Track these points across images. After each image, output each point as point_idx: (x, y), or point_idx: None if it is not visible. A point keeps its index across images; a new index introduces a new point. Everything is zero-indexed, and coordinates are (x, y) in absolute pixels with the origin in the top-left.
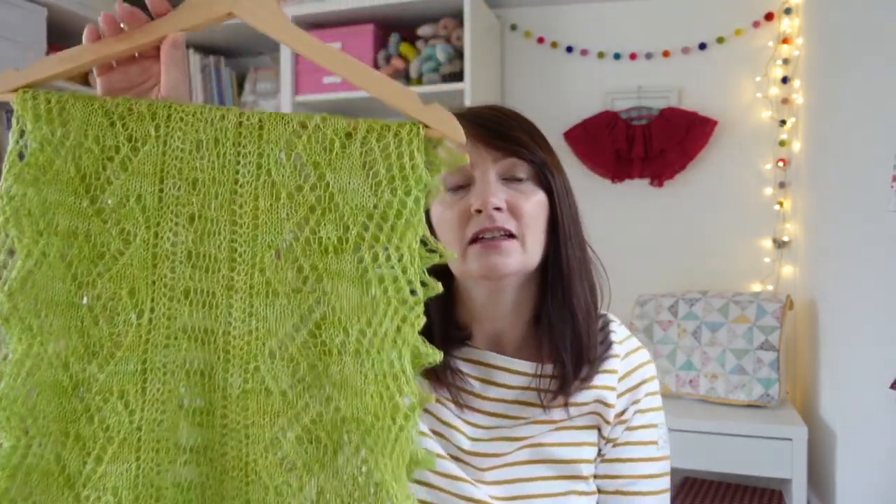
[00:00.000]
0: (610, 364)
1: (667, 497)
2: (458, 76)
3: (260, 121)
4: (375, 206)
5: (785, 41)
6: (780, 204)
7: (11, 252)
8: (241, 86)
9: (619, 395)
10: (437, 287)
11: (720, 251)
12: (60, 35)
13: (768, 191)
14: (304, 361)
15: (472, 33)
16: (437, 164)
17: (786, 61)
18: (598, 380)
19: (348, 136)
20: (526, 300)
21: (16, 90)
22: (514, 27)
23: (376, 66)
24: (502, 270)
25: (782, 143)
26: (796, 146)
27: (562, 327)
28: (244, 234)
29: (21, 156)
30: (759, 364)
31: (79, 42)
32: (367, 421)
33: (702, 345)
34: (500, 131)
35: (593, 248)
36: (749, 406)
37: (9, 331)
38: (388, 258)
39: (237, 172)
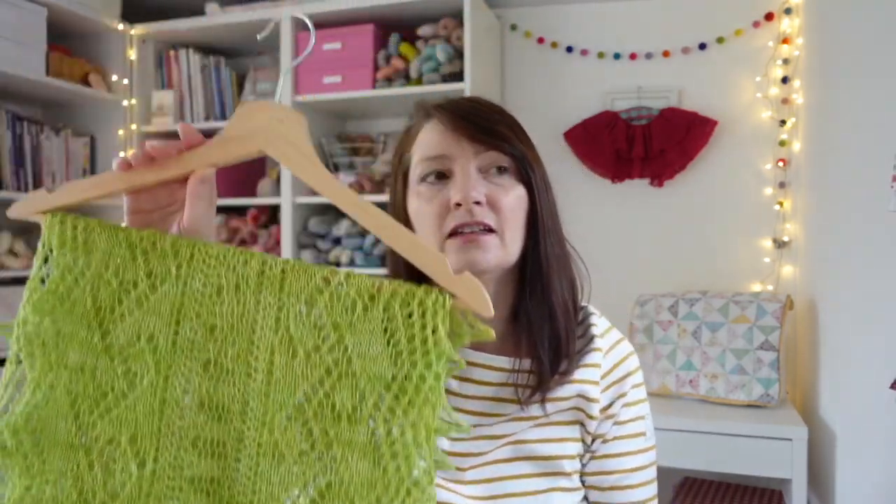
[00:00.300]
0: (592, 358)
1: (654, 486)
2: (458, 76)
3: (283, 271)
4: (394, 378)
5: (785, 41)
6: (780, 204)
7: (19, 383)
8: (241, 86)
9: (604, 390)
10: (449, 465)
11: (720, 251)
12: (60, 35)
13: (768, 191)
14: None
15: (472, 33)
16: (460, 335)
17: (786, 61)
18: (579, 374)
19: (371, 298)
20: (504, 296)
21: (45, 212)
22: (514, 27)
23: (376, 66)
24: (481, 265)
25: (782, 143)
26: (796, 146)
27: (540, 323)
28: (257, 389)
29: (43, 281)
30: (759, 364)
31: (79, 41)
32: None
33: (702, 345)
34: (482, 124)
35: (572, 244)
36: (749, 406)
37: (10, 466)
38: (403, 433)
39: (255, 322)
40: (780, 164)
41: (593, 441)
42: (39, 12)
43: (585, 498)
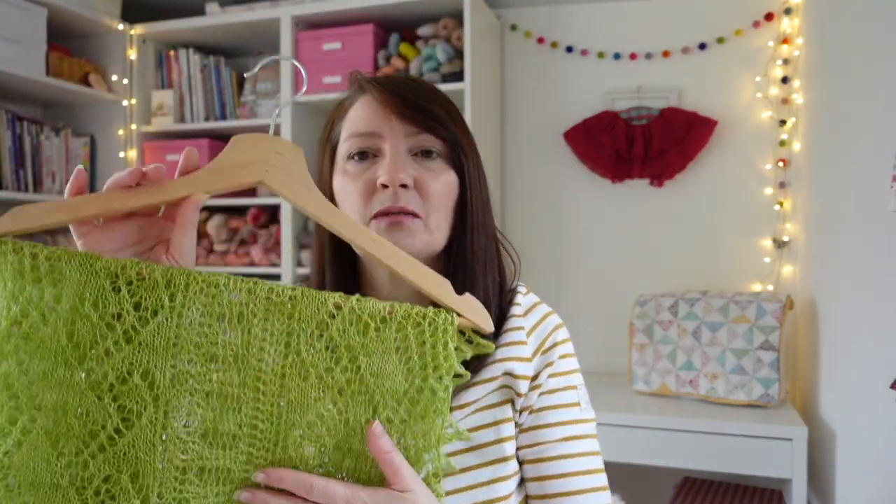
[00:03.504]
0: (515, 336)
1: (599, 460)
2: (458, 76)
3: (291, 298)
4: (406, 392)
5: (785, 41)
6: (780, 204)
7: None
8: (240, 86)
9: (531, 363)
10: (455, 469)
11: (720, 251)
12: (60, 35)
13: (768, 191)
14: None
15: (472, 33)
16: (463, 351)
17: (786, 61)
18: (503, 352)
19: (383, 321)
20: None
21: None
22: (514, 27)
23: (376, 66)
24: (406, 250)
25: (782, 143)
26: (796, 146)
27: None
28: (267, 412)
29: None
30: (759, 364)
31: (79, 41)
32: None
33: (702, 345)
34: (415, 103)
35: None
36: (749, 406)
37: None
38: (415, 441)
39: (262, 350)
40: (780, 164)
41: (521, 414)
42: (39, 12)
43: (522, 481)
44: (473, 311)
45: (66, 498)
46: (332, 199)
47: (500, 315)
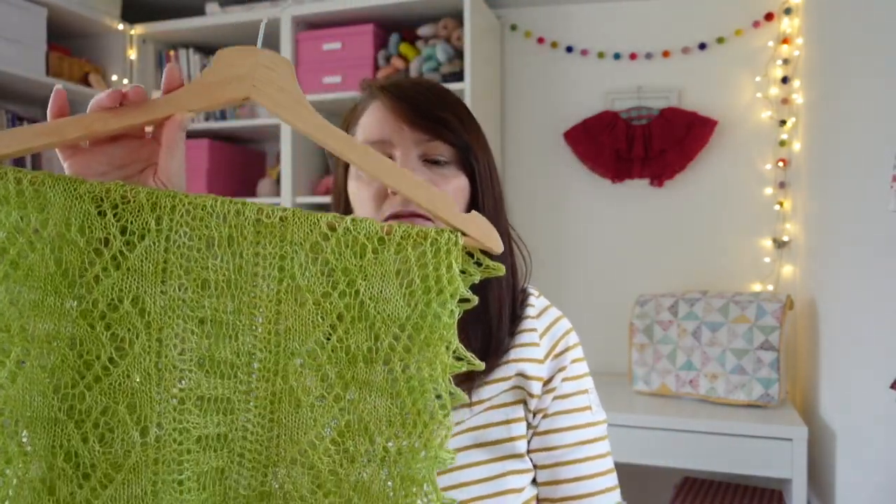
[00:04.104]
0: (528, 338)
1: (609, 460)
2: (458, 76)
3: (282, 219)
4: (408, 318)
5: (785, 41)
6: (780, 204)
7: None
8: None
9: (544, 365)
10: (464, 397)
11: (720, 251)
12: (60, 35)
13: (768, 191)
14: (325, 468)
15: (472, 33)
16: (470, 273)
17: (786, 61)
18: (517, 353)
19: (381, 241)
20: None
21: None
22: (514, 27)
23: (376, 66)
24: None
25: (782, 143)
26: (796, 146)
27: (473, 322)
28: (265, 340)
29: None
30: (759, 364)
31: (79, 41)
32: None
33: (702, 345)
34: (425, 110)
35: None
36: (749, 406)
37: None
38: (420, 370)
39: (255, 274)
40: (780, 164)
41: (535, 416)
42: (39, 12)
43: (534, 480)
44: (481, 229)
45: (65, 432)
46: (347, 202)
47: (514, 316)
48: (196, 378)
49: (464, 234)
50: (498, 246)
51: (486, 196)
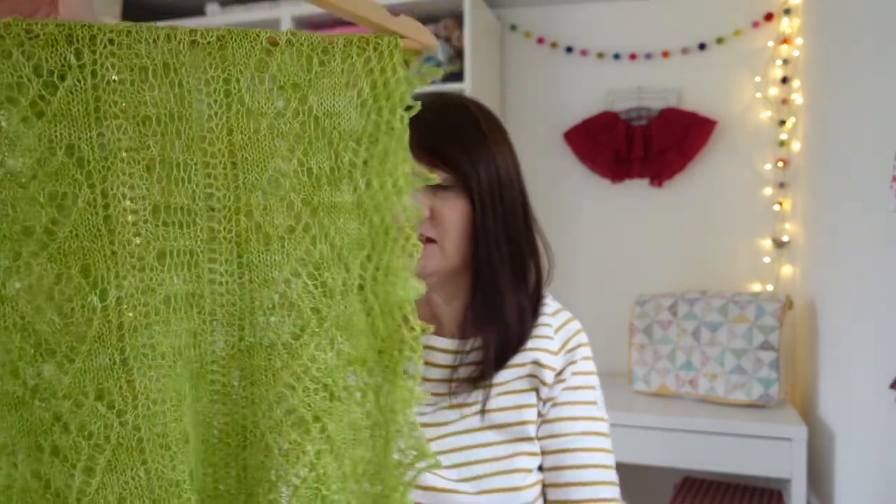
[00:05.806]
0: (543, 331)
1: (611, 457)
2: (458, 76)
3: (219, 38)
4: (364, 130)
5: (784, 41)
6: (780, 204)
7: None
8: None
9: (557, 357)
10: (423, 212)
11: (720, 251)
12: None
13: (768, 191)
14: (306, 307)
15: (472, 33)
16: (411, 81)
17: (785, 61)
18: (533, 343)
19: (325, 51)
20: (459, 290)
21: None
22: (514, 27)
23: None
24: (422, 272)
25: (782, 143)
26: (796, 146)
27: (490, 328)
28: (221, 177)
29: None
30: (758, 364)
31: None
32: (373, 358)
33: (701, 345)
34: (427, 143)
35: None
36: (749, 406)
37: None
38: (383, 185)
39: (200, 103)
40: (780, 164)
41: (545, 405)
42: None
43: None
44: (416, 31)
45: (17, 309)
46: None
47: (534, 314)
48: (152, 230)
49: (401, 36)
50: (432, 39)
51: (486, 216)
